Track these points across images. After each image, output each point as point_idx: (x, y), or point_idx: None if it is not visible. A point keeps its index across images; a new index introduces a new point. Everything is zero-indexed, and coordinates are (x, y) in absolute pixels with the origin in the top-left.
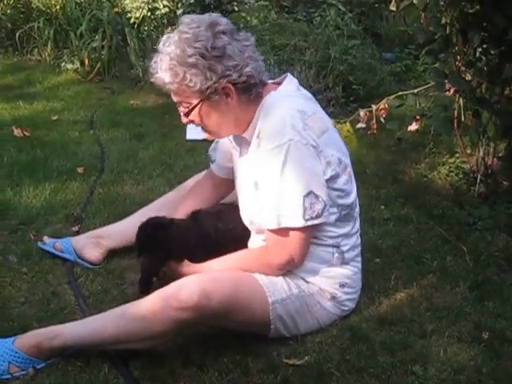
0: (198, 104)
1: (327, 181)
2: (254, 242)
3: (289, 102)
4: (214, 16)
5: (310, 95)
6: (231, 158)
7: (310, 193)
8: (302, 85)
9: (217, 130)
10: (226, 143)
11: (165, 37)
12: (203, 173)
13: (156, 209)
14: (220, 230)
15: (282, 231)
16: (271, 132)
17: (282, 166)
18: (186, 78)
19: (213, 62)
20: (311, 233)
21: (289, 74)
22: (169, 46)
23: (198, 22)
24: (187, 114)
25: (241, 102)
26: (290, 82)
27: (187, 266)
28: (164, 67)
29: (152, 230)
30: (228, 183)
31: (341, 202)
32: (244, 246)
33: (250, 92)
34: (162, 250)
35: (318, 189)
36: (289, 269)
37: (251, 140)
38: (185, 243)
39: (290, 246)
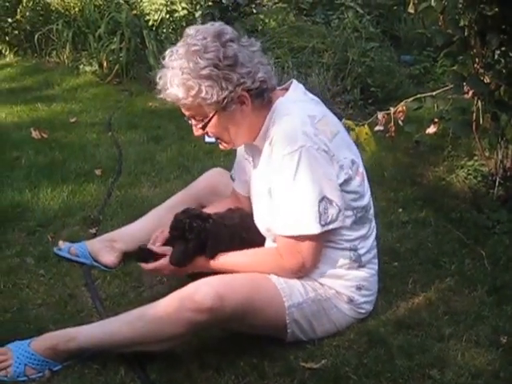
0: (213, 115)
1: (341, 185)
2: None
3: (298, 108)
4: (218, 25)
5: (317, 99)
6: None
7: (323, 198)
8: (320, 87)
9: (232, 139)
10: (242, 159)
11: (169, 51)
12: (213, 170)
13: (167, 210)
14: (244, 240)
15: (297, 237)
16: (283, 139)
17: (295, 172)
18: (201, 91)
19: (227, 72)
20: (324, 238)
21: (294, 80)
22: (176, 60)
23: (204, 33)
24: (204, 127)
25: (254, 108)
26: (297, 87)
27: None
28: (176, 82)
29: (189, 220)
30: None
31: (355, 204)
32: None
33: (263, 97)
34: (196, 242)
35: (331, 194)
36: (301, 274)
37: (262, 148)
38: (218, 239)
39: (304, 253)
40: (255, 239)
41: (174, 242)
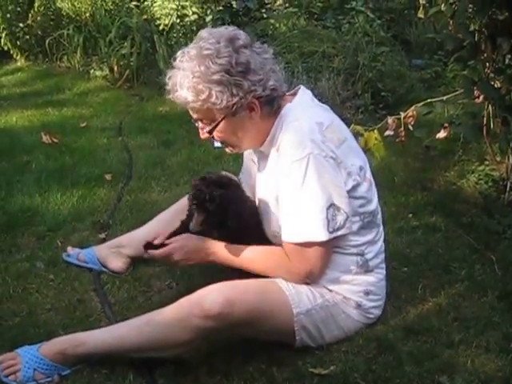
0: (221, 120)
1: (349, 191)
2: None
3: (306, 115)
4: (232, 30)
5: (325, 105)
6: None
7: (331, 205)
8: (330, 92)
9: (239, 143)
10: (248, 163)
11: (180, 52)
12: None
13: (174, 214)
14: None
15: (304, 244)
16: (291, 146)
17: (303, 179)
18: (211, 96)
19: (238, 78)
20: (332, 245)
21: (302, 86)
22: (188, 62)
23: (218, 37)
24: (211, 132)
25: (263, 115)
26: (305, 93)
27: (216, 243)
28: (187, 85)
29: (209, 190)
30: None
31: (363, 209)
32: None
33: (272, 105)
34: (217, 211)
35: (339, 200)
36: (308, 281)
37: (269, 153)
38: (239, 211)
39: (311, 260)
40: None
41: (194, 211)
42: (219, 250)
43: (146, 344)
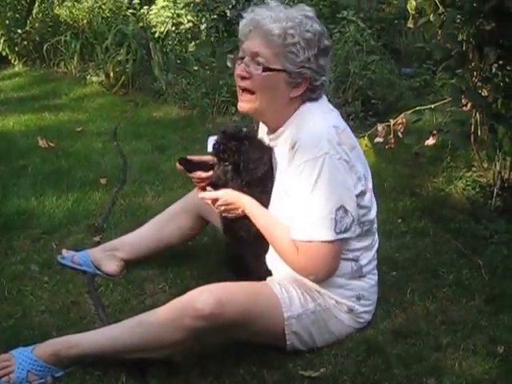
0: (279, 71)
1: (357, 196)
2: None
3: (324, 117)
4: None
5: (338, 111)
6: None
7: (341, 207)
8: None
9: (257, 103)
10: None
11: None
12: None
13: (167, 218)
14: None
15: (311, 244)
16: (307, 144)
17: (316, 178)
18: (295, 45)
19: (318, 53)
20: (339, 248)
21: None
22: (286, 10)
23: (317, 23)
24: (265, 70)
25: (296, 98)
26: (322, 96)
27: (241, 196)
28: (281, 23)
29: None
30: None
31: (364, 218)
32: None
33: (312, 95)
34: (232, 161)
35: (348, 203)
36: (311, 280)
37: (280, 147)
38: (252, 165)
39: (317, 261)
40: None
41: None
42: (249, 204)
43: (138, 344)
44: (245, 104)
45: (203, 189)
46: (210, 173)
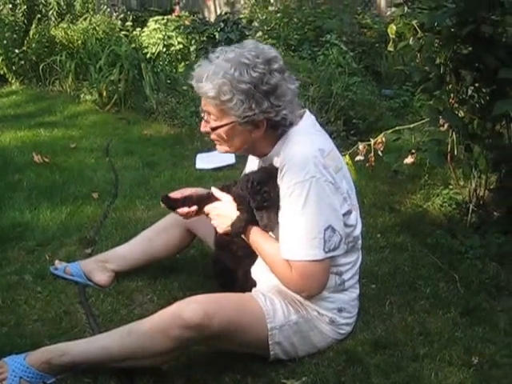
0: (228, 124)
1: (343, 215)
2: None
3: (311, 140)
4: (274, 52)
5: (325, 132)
6: None
7: (329, 227)
8: None
9: (231, 148)
10: (251, 165)
11: (220, 49)
12: None
13: (156, 232)
14: None
15: (302, 263)
16: (295, 168)
17: (304, 200)
18: (231, 101)
19: (261, 96)
20: (328, 265)
21: (307, 110)
22: (223, 61)
23: (259, 53)
24: (214, 129)
25: (265, 135)
26: (309, 118)
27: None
28: (214, 81)
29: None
30: None
31: (350, 236)
32: None
33: (277, 130)
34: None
35: (335, 223)
36: (303, 296)
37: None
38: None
39: (310, 278)
40: None
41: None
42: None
43: (127, 353)
44: (221, 149)
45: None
46: (194, 208)
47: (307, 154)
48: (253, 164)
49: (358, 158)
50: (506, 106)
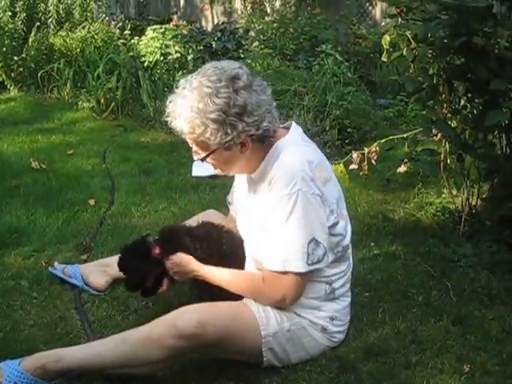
0: (213, 152)
1: (329, 227)
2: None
3: (298, 152)
4: (236, 68)
5: (313, 143)
6: None
7: (313, 239)
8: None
9: (228, 170)
10: (238, 183)
11: (183, 80)
12: (209, 211)
13: None
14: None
15: (283, 273)
16: (282, 180)
17: (290, 213)
18: (206, 132)
19: (233, 119)
20: (308, 277)
21: (293, 122)
22: (189, 92)
23: (220, 75)
24: (203, 159)
25: (253, 150)
26: (296, 130)
27: (194, 263)
28: (184, 117)
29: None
30: None
31: (338, 245)
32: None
33: (263, 142)
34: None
35: (320, 236)
36: (279, 306)
37: (259, 181)
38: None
39: (286, 288)
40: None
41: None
42: (204, 270)
43: (121, 360)
44: (220, 172)
45: None
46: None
47: (295, 167)
48: (240, 178)
49: (351, 166)
50: (498, 116)
